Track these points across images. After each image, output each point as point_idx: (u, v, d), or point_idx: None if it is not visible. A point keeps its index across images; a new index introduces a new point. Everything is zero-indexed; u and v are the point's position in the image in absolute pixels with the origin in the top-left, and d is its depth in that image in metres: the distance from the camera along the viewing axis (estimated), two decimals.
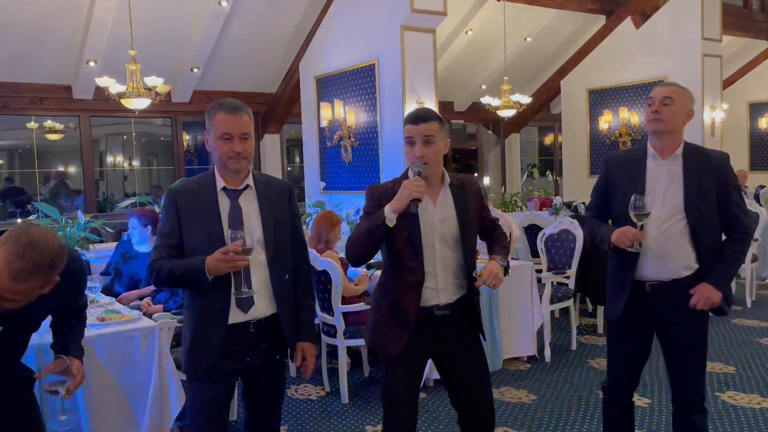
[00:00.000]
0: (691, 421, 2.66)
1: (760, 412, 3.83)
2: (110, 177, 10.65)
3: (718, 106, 9.31)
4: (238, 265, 2.16)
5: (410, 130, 2.38)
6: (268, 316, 2.32)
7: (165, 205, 2.32)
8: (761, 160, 12.88)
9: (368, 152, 7.56)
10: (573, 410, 3.96)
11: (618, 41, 10.21)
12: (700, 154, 2.62)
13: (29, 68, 7.83)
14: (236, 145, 2.24)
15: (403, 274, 2.43)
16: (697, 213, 2.53)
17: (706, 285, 2.54)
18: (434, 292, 2.43)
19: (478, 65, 11.16)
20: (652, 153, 2.64)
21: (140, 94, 6.60)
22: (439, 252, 2.42)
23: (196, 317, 2.29)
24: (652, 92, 2.62)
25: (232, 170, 2.28)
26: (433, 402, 4.13)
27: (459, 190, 2.47)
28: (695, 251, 2.55)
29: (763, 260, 7.70)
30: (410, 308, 2.41)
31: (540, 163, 14.11)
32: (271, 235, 2.30)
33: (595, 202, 2.82)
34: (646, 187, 2.60)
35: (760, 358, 4.85)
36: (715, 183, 2.55)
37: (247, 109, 2.31)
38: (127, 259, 4.69)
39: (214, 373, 2.25)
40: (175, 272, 2.21)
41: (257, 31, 8.44)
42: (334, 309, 4.17)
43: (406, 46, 6.85)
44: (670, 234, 2.56)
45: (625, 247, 2.54)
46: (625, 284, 2.65)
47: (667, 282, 2.59)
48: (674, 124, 2.58)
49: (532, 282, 4.88)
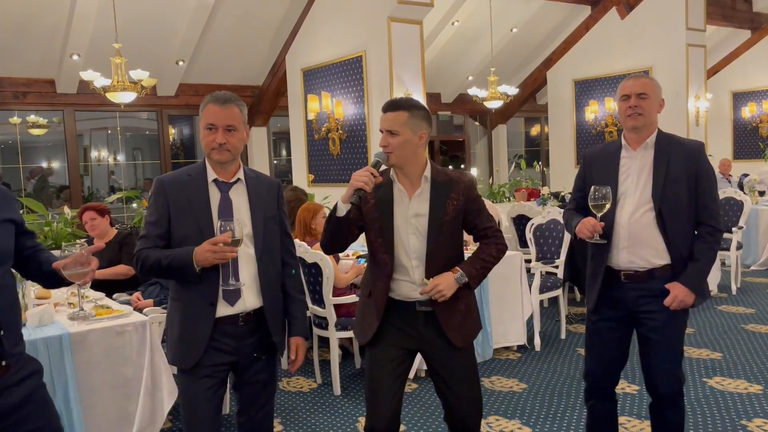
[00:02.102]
0: (665, 417, 2.65)
1: (746, 397, 3.89)
2: (95, 172, 10.55)
3: (703, 96, 9.39)
4: (227, 257, 2.16)
5: (383, 118, 2.39)
6: (256, 309, 2.32)
7: (154, 194, 2.30)
8: (744, 149, 13.02)
9: (356, 144, 7.55)
10: (563, 398, 4.00)
11: (603, 31, 10.26)
12: (671, 142, 2.63)
13: (11, 62, 7.74)
14: (219, 136, 2.24)
15: (376, 265, 2.44)
16: (664, 200, 2.53)
17: (680, 286, 2.53)
18: (413, 286, 2.40)
19: (464, 56, 11.17)
20: (624, 145, 2.68)
21: (126, 88, 6.55)
22: (414, 246, 2.38)
23: (183, 309, 2.28)
24: (624, 88, 2.62)
25: (214, 161, 2.29)
26: (423, 393, 4.16)
27: (442, 186, 2.40)
28: (664, 239, 2.56)
29: (747, 248, 7.80)
30: (380, 298, 2.41)
31: (527, 154, 14.18)
32: (260, 229, 2.31)
33: (574, 195, 2.86)
34: (618, 179, 2.63)
35: (745, 343, 4.93)
36: (685, 170, 2.55)
37: (239, 102, 2.31)
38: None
39: (203, 366, 2.24)
40: (162, 262, 2.20)
41: (243, 23, 8.39)
42: (326, 301, 4.17)
43: (393, 38, 6.84)
44: (641, 223, 2.57)
45: (585, 237, 2.57)
46: (598, 274, 2.67)
47: (643, 272, 2.59)
48: (651, 116, 2.61)
49: (522, 272, 4.91)
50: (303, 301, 2.50)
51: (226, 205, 2.28)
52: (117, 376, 3.16)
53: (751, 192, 8.32)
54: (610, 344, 2.72)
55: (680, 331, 2.64)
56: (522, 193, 8.84)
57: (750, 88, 12.87)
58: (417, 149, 2.38)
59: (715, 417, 3.62)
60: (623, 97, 2.63)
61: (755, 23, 12.06)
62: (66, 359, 2.98)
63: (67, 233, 5.97)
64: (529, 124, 14.77)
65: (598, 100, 10.31)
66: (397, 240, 2.38)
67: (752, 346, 4.87)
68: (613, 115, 10.07)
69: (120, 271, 4.71)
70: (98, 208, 4.89)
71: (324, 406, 4.05)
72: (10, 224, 2.04)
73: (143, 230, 2.29)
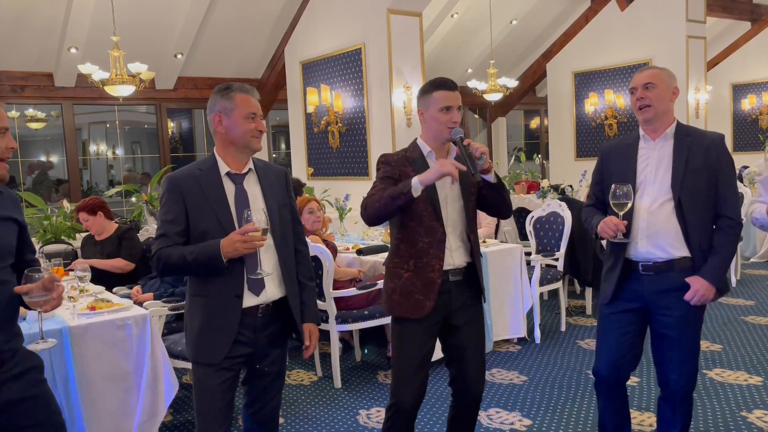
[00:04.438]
0: (676, 412, 2.64)
1: (747, 388, 3.90)
2: (94, 166, 10.53)
3: (703, 88, 9.37)
4: (257, 245, 2.16)
5: (447, 96, 2.48)
6: (276, 299, 2.33)
7: (167, 192, 2.27)
8: (744, 141, 12.99)
9: (356, 137, 7.53)
10: (564, 390, 4.01)
11: (603, 23, 10.23)
12: (692, 133, 2.59)
13: (9, 56, 7.70)
14: (260, 124, 2.31)
15: (424, 235, 2.49)
16: (683, 191, 2.50)
17: (701, 280, 2.50)
18: (450, 253, 2.52)
19: (463, 49, 11.13)
20: (643, 135, 2.64)
21: (124, 81, 6.53)
22: (450, 213, 2.53)
23: (207, 303, 2.26)
24: (633, 81, 2.62)
25: (252, 149, 2.32)
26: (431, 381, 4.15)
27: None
28: (682, 230, 2.53)
29: (747, 240, 7.81)
30: (436, 265, 2.49)
31: (526, 147, 14.16)
32: (276, 217, 2.31)
33: (592, 190, 2.82)
34: (637, 169, 2.60)
35: (745, 335, 4.93)
36: (705, 161, 2.51)
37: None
38: None
39: (225, 359, 2.24)
40: (187, 258, 2.18)
41: (241, 15, 8.35)
42: (326, 294, 4.17)
43: (392, 30, 6.81)
44: (660, 213, 2.54)
45: (608, 237, 2.55)
46: (616, 265, 2.64)
47: (662, 263, 2.56)
48: (662, 105, 2.56)
49: (522, 265, 4.91)
50: (314, 287, 2.51)
51: (242, 196, 2.29)
52: (117, 369, 3.15)
53: (751, 184, 8.32)
54: (626, 334, 2.66)
55: (698, 327, 2.61)
56: (522, 186, 8.83)
57: (750, 80, 12.84)
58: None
59: (715, 409, 3.63)
60: (632, 90, 2.62)
61: (755, 15, 12.02)
62: (66, 353, 2.98)
63: (67, 227, 5.96)
64: (529, 117, 14.74)
65: (597, 93, 10.29)
66: (441, 207, 2.50)
67: (752, 337, 4.88)
68: (612, 108, 10.05)
69: (118, 264, 4.70)
70: (89, 207, 4.77)
71: (324, 399, 4.06)
72: (13, 223, 2.05)
73: (160, 229, 2.27)
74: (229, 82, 2.34)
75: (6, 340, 1.97)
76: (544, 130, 13.82)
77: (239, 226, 2.19)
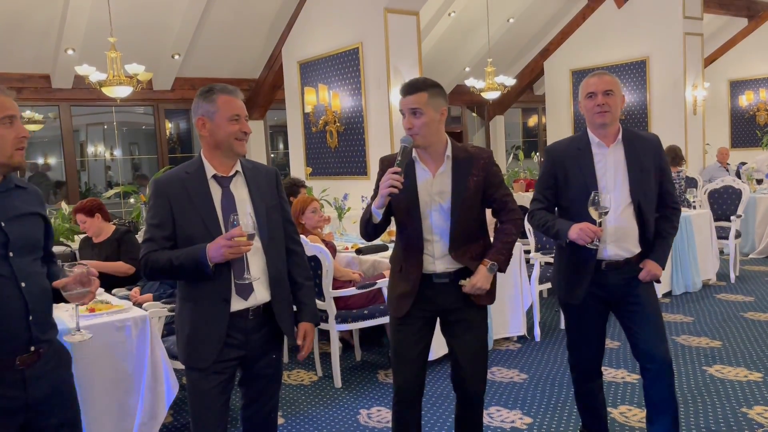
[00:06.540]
0: (666, 382, 2.72)
1: (746, 384, 3.90)
2: (92, 167, 10.52)
3: (700, 85, 9.37)
4: (243, 251, 2.14)
5: (400, 101, 2.47)
6: (266, 303, 2.31)
7: (154, 195, 2.26)
8: (742, 137, 13.01)
9: (354, 136, 7.53)
10: (564, 387, 4.01)
11: (600, 21, 10.23)
12: (636, 138, 2.76)
13: (6, 58, 7.69)
14: (245, 126, 2.27)
15: (406, 241, 2.55)
16: (641, 193, 2.68)
17: (651, 262, 2.73)
18: (432, 259, 2.52)
19: (461, 47, 11.14)
20: (596, 141, 2.73)
21: (121, 82, 6.52)
22: (437, 222, 2.50)
23: (195, 308, 2.24)
24: (589, 86, 2.69)
25: (236, 152, 2.28)
26: (432, 380, 4.15)
27: (463, 163, 2.49)
28: (640, 229, 2.71)
29: (745, 236, 7.81)
30: (413, 272, 2.52)
31: (525, 145, 14.16)
32: (264, 220, 2.28)
33: (543, 193, 2.84)
34: (596, 175, 2.69)
35: (745, 331, 4.94)
36: (652, 162, 2.70)
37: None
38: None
39: (216, 362, 2.23)
40: (173, 262, 2.17)
41: (238, 16, 8.35)
42: (325, 293, 4.17)
43: (389, 29, 6.81)
44: (624, 218, 2.69)
45: (584, 243, 2.61)
46: (587, 269, 2.74)
47: (623, 261, 2.74)
48: (617, 112, 2.70)
49: (521, 262, 4.91)
50: (311, 287, 2.49)
51: (229, 200, 2.26)
52: (117, 371, 3.14)
53: (749, 180, 8.33)
54: (596, 329, 2.88)
55: (657, 300, 2.84)
56: (520, 184, 8.85)
57: (747, 76, 12.86)
58: (439, 127, 2.47)
59: (716, 405, 3.63)
60: (589, 95, 2.69)
61: (752, 11, 12.04)
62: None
63: (65, 229, 5.96)
64: (527, 115, 14.75)
65: None
66: (423, 217, 2.49)
67: (752, 333, 4.88)
68: None
69: (120, 268, 4.66)
70: (86, 208, 4.75)
71: (325, 398, 4.06)
72: (40, 219, 2.07)
73: (147, 233, 2.25)
74: (212, 84, 2.28)
75: (43, 330, 1.97)
76: (542, 127, 13.83)
77: (226, 230, 2.16)
